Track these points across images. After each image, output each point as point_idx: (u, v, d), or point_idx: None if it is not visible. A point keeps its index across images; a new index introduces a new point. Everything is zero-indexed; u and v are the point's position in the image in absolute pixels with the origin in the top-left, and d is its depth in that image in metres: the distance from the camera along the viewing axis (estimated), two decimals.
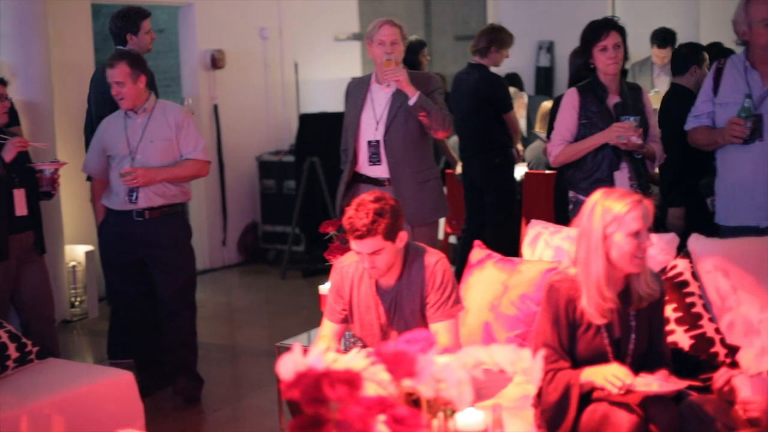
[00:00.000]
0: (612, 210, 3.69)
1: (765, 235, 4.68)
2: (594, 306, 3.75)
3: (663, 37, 9.46)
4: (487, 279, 4.84)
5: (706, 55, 6.60)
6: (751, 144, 4.96)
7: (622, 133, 5.23)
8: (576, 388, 3.71)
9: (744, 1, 5.00)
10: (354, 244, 4.08)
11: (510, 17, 12.37)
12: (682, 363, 4.08)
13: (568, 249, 4.71)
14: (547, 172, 7.53)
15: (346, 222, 4.07)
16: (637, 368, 3.79)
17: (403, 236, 4.14)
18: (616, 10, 12.20)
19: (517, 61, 11.34)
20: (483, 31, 7.81)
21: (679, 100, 6.20)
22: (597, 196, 3.78)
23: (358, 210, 4.04)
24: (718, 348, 4.24)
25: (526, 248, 5.04)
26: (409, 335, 2.42)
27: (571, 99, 5.51)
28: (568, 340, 3.82)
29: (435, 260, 4.24)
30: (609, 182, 5.29)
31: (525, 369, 2.61)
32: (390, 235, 4.06)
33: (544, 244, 4.97)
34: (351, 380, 2.06)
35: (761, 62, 5.01)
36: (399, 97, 5.80)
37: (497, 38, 7.71)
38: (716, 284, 4.40)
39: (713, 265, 4.44)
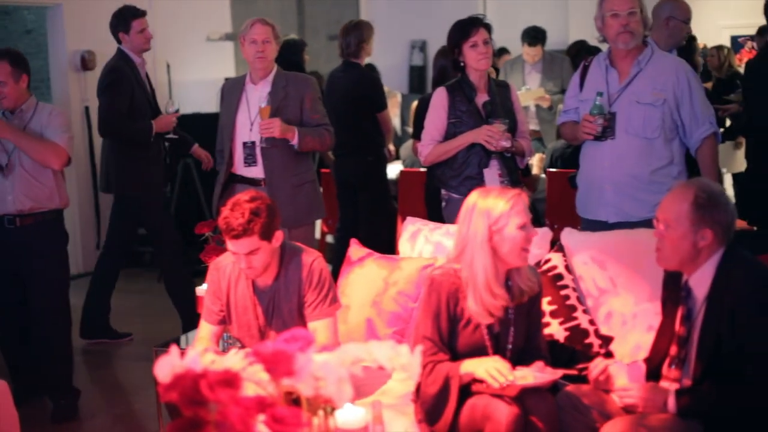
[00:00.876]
0: (495, 208, 3.76)
1: (613, 230, 4.83)
2: (483, 305, 3.81)
3: (533, 36, 9.61)
4: (369, 276, 4.86)
5: None
6: (604, 141, 5.10)
7: (490, 138, 5.33)
8: (455, 380, 3.75)
9: None
10: (230, 244, 4.05)
11: (383, 17, 12.45)
12: (558, 355, 4.18)
13: (448, 245, 4.76)
14: (422, 170, 7.57)
15: (221, 222, 4.04)
16: (515, 362, 3.85)
17: (279, 236, 4.13)
18: (487, 9, 12.39)
19: (390, 59, 11.44)
20: (346, 30, 7.74)
21: None
22: (474, 197, 3.86)
23: (234, 210, 4.01)
24: (592, 339, 4.34)
25: (405, 244, 5.08)
26: (288, 334, 2.41)
27: (440, 98, 5.57)
28: (448, 334, 3.87)
29: (311, 259, 4.24)
30: (479, 179, 5.37)
31: (403, 365, 2.63)
32: (266, 235, 4.04)
33: (424, 239, 5.02)
34: (229, 381, 2.05)
35: (619, 59, 5.15)
36: (275, 98, 5.78)
37: (362, 35, 7.70)
38: (593, 276, 4.50)
39: (590, 257, 4.55)
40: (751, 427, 3.44)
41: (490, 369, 3.72)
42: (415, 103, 8.22)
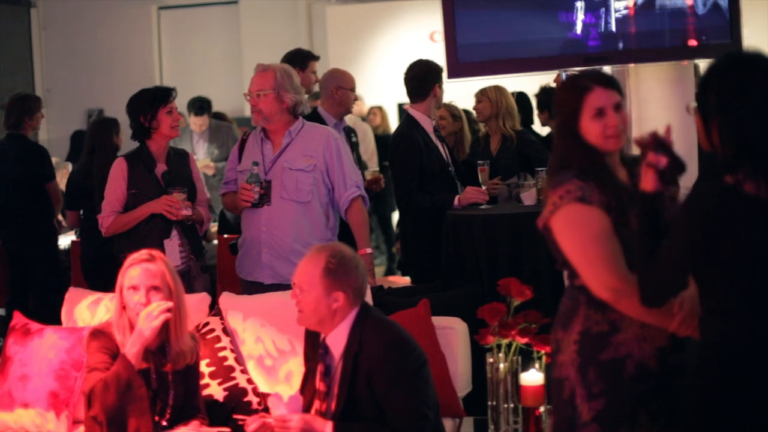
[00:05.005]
0: (128, 265, 4.08)
1: (269, 291, 5.10)
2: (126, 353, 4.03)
3: (199, 106, 9.84)
4: (54, 347, 4.81)
5: None
6: (262, 207, 5.39)
7: (170, 208, 5.44)
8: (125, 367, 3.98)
9: None
10: None
11: (59, 85, 12.42)
12: (217, 414, 4.34)
13: None
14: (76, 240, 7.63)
15: None
16: (175, 421, 4.07)
17: None
18: (164, 77, 12.58)
19: (67, 128, 11.34)
20: (9, 103, 7.71)
21: None
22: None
23: None
24: (250, 397, 4.52)
25: (84, 312, 5.05)
26: None
27: (119, 169, 5.61)
28: None
29: None
30: (160, 250, 5.47)
31: (50, 430, 2.77)
32: None
33: (104, 309, 5.05)
34: None
35: (272, 132, 5.47)
36: None
37: (24, 108, 7.68)
38: (273, 338, 4.65)
39: (268, 321, 4.71)
40: None
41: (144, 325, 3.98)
42: None
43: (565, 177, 3.28)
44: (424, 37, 12.44)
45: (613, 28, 5.30)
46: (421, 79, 6.41)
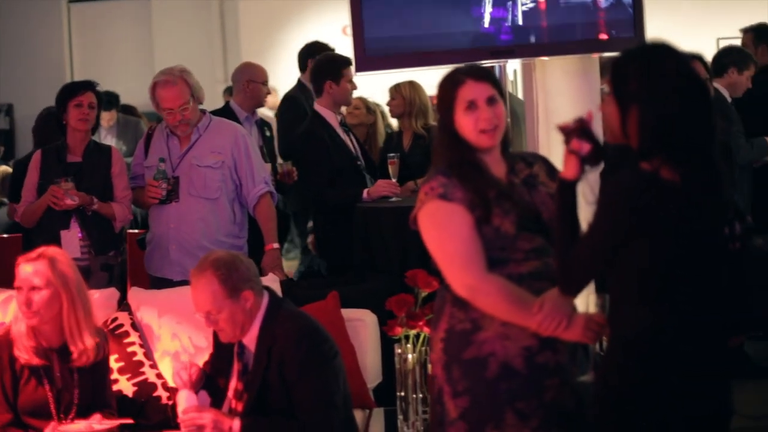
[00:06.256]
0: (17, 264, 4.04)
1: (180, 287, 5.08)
2: (25, 351, 4.04)
3: (107, 100, 9.69)
4: None
5: None
6: (169, 204, 5.39)
7: (53, 198, 5.40)
8: None
9: None
10: None
11: None
12: (127, 409, 4.35)
13: None
14: (6, 236, 7.53)
15: None
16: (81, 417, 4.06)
17: None
18: (74, 72, 12.46)
19: None
20: None
21: None
22: None
23: None
24: (160, 392, 4.54)
25: None
26: None
27: (34, 160, 5.66)
28: (12, 392, 4.02)
29: None
30: (56, 242, 5.41)
31: None
32: None
33: (16, 307, 5.02)
34: None
35: (179, 130, 5.45)
36: None
37: None
38: (190, 335, 4.65)
39: (183, 318, 4.69)
40: None
41: None
42: (2, 168, 8.19)
43: (432, 173, 3.29)
44: (336, 31, 12.42)
45: (520, 22, 5.32)
46: (315, 74, 6.43)
